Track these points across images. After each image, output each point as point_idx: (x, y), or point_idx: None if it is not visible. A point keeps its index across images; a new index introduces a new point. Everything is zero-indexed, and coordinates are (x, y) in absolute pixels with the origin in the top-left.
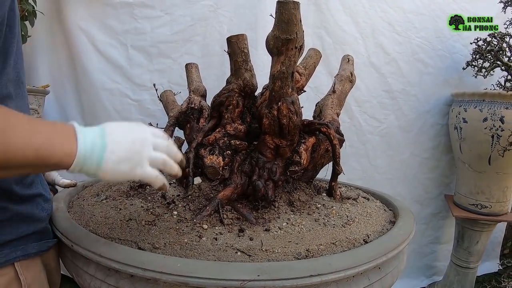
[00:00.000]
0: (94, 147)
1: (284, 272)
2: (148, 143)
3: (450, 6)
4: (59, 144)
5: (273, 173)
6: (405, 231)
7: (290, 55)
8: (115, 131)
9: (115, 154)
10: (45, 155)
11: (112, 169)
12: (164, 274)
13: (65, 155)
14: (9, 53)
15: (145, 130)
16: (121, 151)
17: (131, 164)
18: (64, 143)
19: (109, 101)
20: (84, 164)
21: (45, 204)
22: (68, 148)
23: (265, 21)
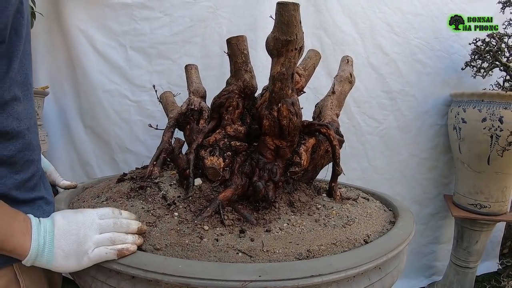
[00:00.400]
0: (45, 244)
1: (285, 272)
2: (92, 228)
3: (449, 6)
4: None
5: (273, 174)
6: (405, 231)
7: (290, 56)
8: (60, 225)
9: (61, 249)
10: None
11: (62, 264)
12: (165, 275)
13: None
14: (13, 57)
15: (90, 214)
16: (66, 245)
17: (77, 255)
18: (20, 236)
19: (108, 102)
20: (35, 260)
21: (47, 206)
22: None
23: (264, 22)
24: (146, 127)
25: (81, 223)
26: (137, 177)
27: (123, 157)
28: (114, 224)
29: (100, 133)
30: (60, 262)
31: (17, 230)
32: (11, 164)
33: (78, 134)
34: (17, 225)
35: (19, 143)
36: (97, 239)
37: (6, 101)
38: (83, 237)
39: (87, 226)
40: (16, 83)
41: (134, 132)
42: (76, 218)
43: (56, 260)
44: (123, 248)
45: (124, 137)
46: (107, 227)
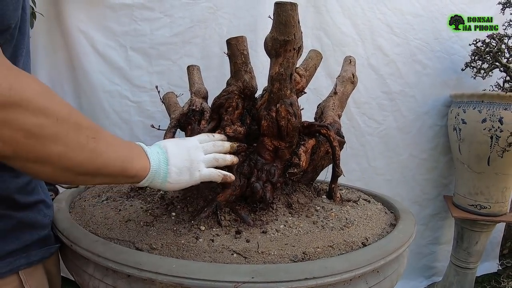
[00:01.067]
0: (160, 163)
1: (279, 274)
2: (198, 150)
3: (448, 7)
4: (137, 159)
5: (271, 175)
6: (405, 234)
7: (288, 56)
8: (170, 147)
9: (176, 166)
10: (127, 167)
11: (176, 180)
12: (159, 275)
13: (141, 169)
14: (18, 56)
15: (192, 140)
16: (180, 163)
17: (190, 171)
18: (140, 158)
19: (109, 102)
20: (153, 178)
21: (47, 210)
22: (144, 163)
23: (264, 23)
24: (146, 128)
25: (189, 146)
26: None
27: None
28: (214, 145)
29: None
30: (175, 178)
31: (136, 154)
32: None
33: None
34: (135, 149)
35: None
36: (204, 158)
37: None
38: (194, 155)
39: (194, 147)
40: None
41: (135, 133)
42: (183, 142)
43: (171, 176)
44: (227, 175)
45: (125, 138)
46: (209, 148)
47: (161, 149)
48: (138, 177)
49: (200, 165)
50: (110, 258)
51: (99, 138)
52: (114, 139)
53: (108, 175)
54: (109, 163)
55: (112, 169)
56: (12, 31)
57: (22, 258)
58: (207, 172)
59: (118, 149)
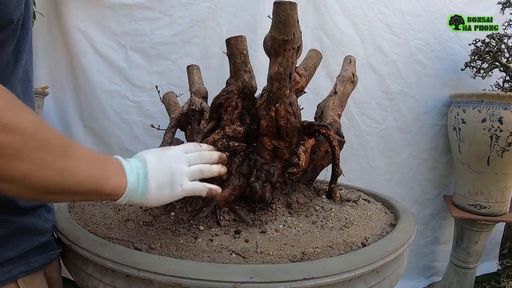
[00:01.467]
0: (139, 178)
1: (277, 274)
2: (182, 161)
3: (448, 7)
4: (112, 176)
5: (270, 175)
6: (405, 235)
7: (287, 56)
8: (151, 159)
9: (156, 181)
10: (101, 186)
11: (156, 196)
12: (158, 275)
13: (117, 187)
14: (21, 52)
15: (176, 150)
16: (160, 177)
17: (171, 186)
18: (117, 175)
19: (108, 102)
20: (131, 196)
21: (48, 215)
22: (120, 180)
23: (264, 22)
24: (146, 128)
25: (171, 157)
26: None
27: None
28: (200, 156)
29: (100, 134)
30: (154, 194)
31: (112, 170)
32: None
33: (77, 134)
34: (111, 165)
35: None
36: (187, 171)
37: None
38: (176, 167)
39: (176, 159)
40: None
41: (134, 133)
42: (165, 154)
43: (151, 193)
44: (213, 188)
45: (124, 138)
46: (194, 159)
47: (140, 162)
48: (113, 195)
49: (182, 178)
50: (109, 258)
51: (69, 156)
52: (87, 155)
53: (80, 193)
54: (80, 182)
55: (84, 188)
56: (15, 27)
57: (21, 265)
58: (190, 186)
59: (91, 166)
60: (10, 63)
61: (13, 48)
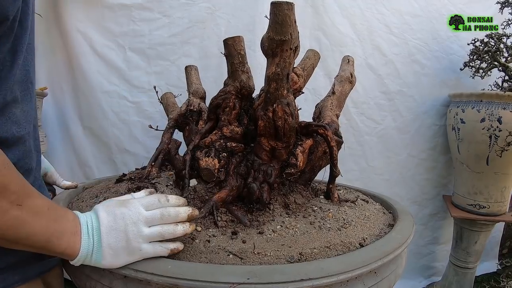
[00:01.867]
0: (93, 243)
1: (274, 275)
2: (139, 223)
3: (447, 7)
4: (67, 236)
5: (268, 176)
6: (403, 235)
7: (285, 56)
8: (105, 220)
9: (110, 247)
10: (53, 244)
11: (112, 263)
12: (155, 276)
13: (69, 249)
14: (18, 51)
15: (135, 208)
16: (115, 243)
17: (128, 251)
18: (70, 237)
19: (107, 103)
20: (85, 261)
21: None
22: (73, 242)
23: (263, 23)
24: (144, 128)
25: (127, 218)
26: (135, 178)
27: (122, 158)
28: (162, 215)
29: (98, 134)
30: (109, 260)
31: (67, 230)
32: None
33: (76, 135)
34: (67, 224)
35: (19, 150)
36: (145, 235)
37: (7, 102)
38: (131, 233)
39: (134, 221)
40: (17, 81)
41: (133, 133)
42: (122, 213)
43: (105, 259)
44: (174, 248)
45: (123, 138)
46: (155, 219)
47: (96, 221)
48: (66, 255)
49: (140, 243)
50: None
51: (25, 206)
52: (44, 209)
53: (31, 246)
54: (32, 235)
55: (36, 242)
56: (11, 24)
57: (17, 274)
58: (150, 250)
59: (46, 221)
60: (6, 63)
61: (9, 47)
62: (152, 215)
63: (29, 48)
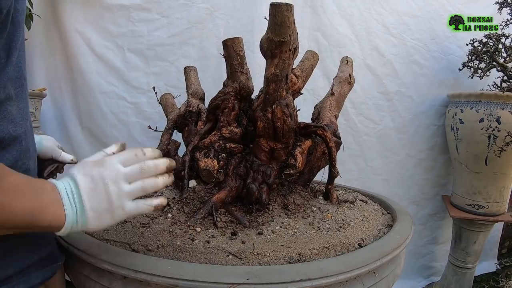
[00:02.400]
0: (76, 208)
1: (274, 276)
2: (120, 181)
3: (445, 7)
4: (49, 208)
5: (267, 176)
6: (402, 235)
7: (284, 57)
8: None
9: (93, 210)
10: (38, 219)
11: (97, 225)
12: (155, 276)
13: (55, 220)
14: (12, 48)
15: (112, 166)
16: (97, 205)
17: (111, 212)
18: (54, 206)
19: (106, 104)
20: (72, 228)
21: None
22: (57, 212)
23: (261, 24)
24: (143, 129)
25: (106, 178)
26: None
27: None
28: (142, 170)
29: (97, 135)
30: (93, 223)
31: (49, 202)
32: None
33: (75, 135)
34: (48, 197)
35: (16, 150)
36: (127, 192)
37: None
38: (113, 192)
39: (113, 179)
40: (10, 78)
41: (132, 134)
42: (100, 174)
43: (90, 223)
44: (158, 204)
45: (122, 139)
46: (135, 174)
47: (75, 186)
48: (53, 228)
49: (122, 201)
50: (106, 260)
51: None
52: (21, 186)
53: (16, 227)
54: (15, 216)
55: (20, 222)
56: (4, 18)
57: (20, 283)
58: (134, 208)
59: (25, 199)
60: (1, 60)
61: (3, 43)
62: (132, 170)
63: (22, 47)
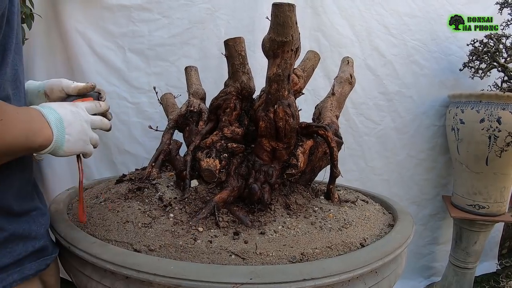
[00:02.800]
0: (59, 131)
1: (277, 275)
2: (88, 122)
3: (445, 8)
4: (40, 131)
5: (269, 176)
6: (403, 235)
7: (286, 57)
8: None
9: (71, 135)
10: (31, 141)
11: (70, 148)
12: (157, 276)
13: (45, 141)
14: (7, 50)
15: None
16: (75, 133)
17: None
18: (43, 130)
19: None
20: (53, 149)
21: (42, 218)
22: (46, 134)
23: (262, 24)
24: (144, 129)
25: (81, 116)
26: (135, 178)
27: (122, 159)
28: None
29: (98, 135)
30: (68, 146)
31: (39, 125)
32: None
33: None
34: (38, 120)
35: None
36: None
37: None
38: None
39: (85, 119)
40: (7, 79)
41: (133, 134)
42: (76, 110)
43: (65, 145)
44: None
45: (123, 139)
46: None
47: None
48: (41, 148)
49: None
50: (108, 260)
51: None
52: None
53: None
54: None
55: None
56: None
57: (15, 273)
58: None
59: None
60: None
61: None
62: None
63: (17, 49)
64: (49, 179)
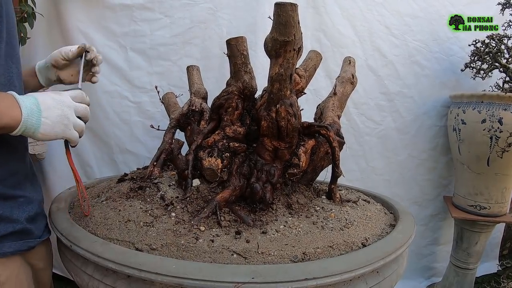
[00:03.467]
0: (33, 113)
1: (279, 275)
2: (71, 109)
3: (447, 8)
4: (6, 111)
5: (271, 176)
6: (405, 235)
7: (288, 57)
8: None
9: (49, 119)
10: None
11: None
12: (159, 275)
13: (12, 120)
14: None
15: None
16: (54, 117)
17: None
18: (11, 109)
19: (108, 103)
20: (25, 129)
21: (28, 206)
22: (15, 114)
23: (264, 23)
24: (146, 128)
25: (63, 102)
26: (137, 178)
27: (123, 158)
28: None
29: (100, 134)
30: (45, 129)
31: (4, 105)
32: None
33: None
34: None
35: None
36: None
37: None
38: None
39: (68, 105)
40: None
41: (134, 133)
42: (59, 97)
43: (44, 129)
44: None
45: (124, 138)
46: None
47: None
48: (7, 128)
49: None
50: (110, 259)
51: None
52: None
53: None
54: None
55: None
56: None
57: None
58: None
59: None
60: None
61: None
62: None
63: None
64: (50, 178)
